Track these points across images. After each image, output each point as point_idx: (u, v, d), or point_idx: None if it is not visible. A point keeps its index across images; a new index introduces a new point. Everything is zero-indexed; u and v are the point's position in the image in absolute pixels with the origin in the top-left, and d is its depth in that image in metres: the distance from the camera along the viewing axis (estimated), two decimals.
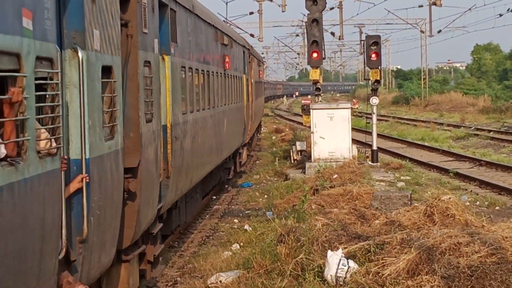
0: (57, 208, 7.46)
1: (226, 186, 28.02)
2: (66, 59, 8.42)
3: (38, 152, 6.86)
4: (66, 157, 8.56)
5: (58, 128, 7.40)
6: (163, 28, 14.48)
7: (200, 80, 19.64)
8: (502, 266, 9.54)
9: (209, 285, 12.89)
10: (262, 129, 51.54)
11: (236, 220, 19.64)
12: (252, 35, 58.43)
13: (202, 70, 19.71)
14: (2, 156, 6.12)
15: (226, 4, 54.03)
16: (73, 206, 8.98)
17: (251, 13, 58.43)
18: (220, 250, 15.62)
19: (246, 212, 21.01)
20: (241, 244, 15.73)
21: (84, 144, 8.76)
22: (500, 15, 63.58)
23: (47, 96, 7.19)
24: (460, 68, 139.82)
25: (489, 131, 46.61)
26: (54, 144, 7.31)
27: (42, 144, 7.05)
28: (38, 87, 6.93)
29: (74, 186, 9.08)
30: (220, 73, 23.48)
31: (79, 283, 9.67)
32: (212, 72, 21.76)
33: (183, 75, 16.81)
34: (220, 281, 12.86)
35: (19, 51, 6.21)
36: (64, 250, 8.28)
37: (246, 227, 17.77)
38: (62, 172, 7.84)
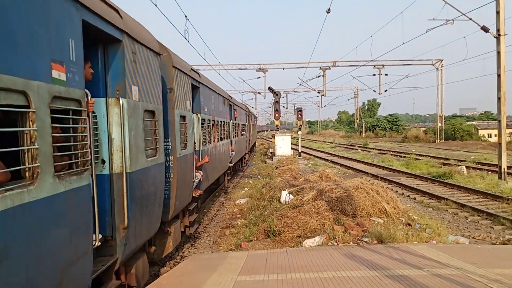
0: None
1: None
2: None
3: None
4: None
5: None
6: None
7: (252, 127, 23.65)
8: (349, 197, 9.54)
9: (236, 203, 12.81)
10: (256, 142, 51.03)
11: (246, 179, 19.53)
12: (252, 107, 59.84)
13: (253, 124, 24.01)
14: None
15: (242, 95, 57.08)
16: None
17: (252, 98, 60.31)
18: (240, 190, 15.53)
19: (250, 175, 20.85)
20: (248, 187, 15.67)
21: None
22: (348, 100, 68.83)
23: None
24: (333, 120, 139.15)
25: (344, 145, 46.41)
26: None
27: None
28: None
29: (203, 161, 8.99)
30: (253, 124, 28.18)
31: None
32: (249, 123, 25.33)
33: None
34: (240, 202, 12.86)
35: None
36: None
37: (250, 181, 17.75)
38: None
